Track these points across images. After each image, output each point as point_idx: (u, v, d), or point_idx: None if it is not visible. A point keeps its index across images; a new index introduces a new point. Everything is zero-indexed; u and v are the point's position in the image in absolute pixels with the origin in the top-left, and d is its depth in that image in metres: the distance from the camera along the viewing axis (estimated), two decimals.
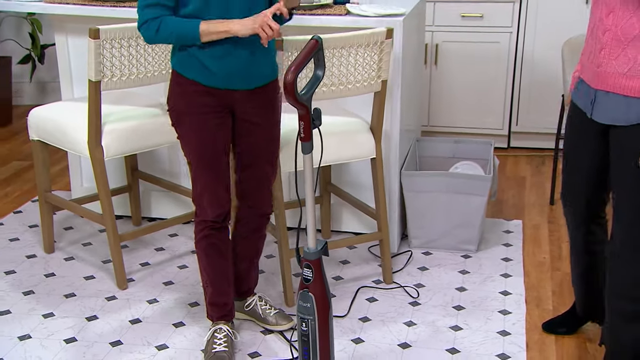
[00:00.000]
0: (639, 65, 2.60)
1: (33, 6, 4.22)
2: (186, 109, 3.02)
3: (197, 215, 3.19)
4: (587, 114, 2.85)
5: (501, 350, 3.41)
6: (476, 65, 5.68)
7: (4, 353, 3.36)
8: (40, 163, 4.10)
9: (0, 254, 4.27)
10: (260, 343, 3.47)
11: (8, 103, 6.41)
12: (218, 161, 3.08)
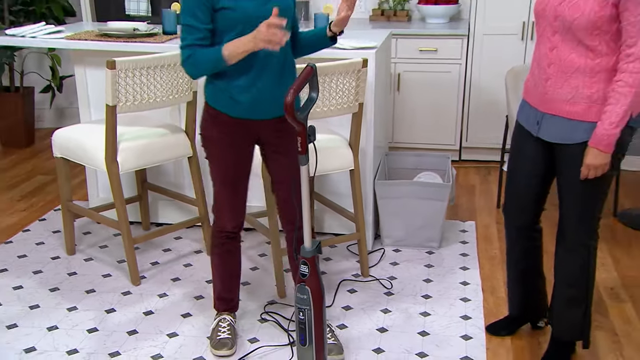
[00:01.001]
0: (580, 93, 2.61)
1: (57, 42, 4.12)
2: (214, 136, 2.91)
3: (215, 225, 3.11)
4: (533, 133, 2.84)
5: (464, 332, 3.39)
6: (432, 91, 5.64)
7: (36, 342, 3.28)
8: (63, 177, 4.02)
9: (28, 256, 4.17)
10: (258, 330, 3.40)
11: (31, 126, 6.30)
12: (238, 182, 3.00)
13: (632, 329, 3.42)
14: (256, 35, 2.53)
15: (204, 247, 4.24)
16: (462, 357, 3.17)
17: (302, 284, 2.51)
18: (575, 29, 2.52)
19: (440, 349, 3.24)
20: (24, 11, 6.04)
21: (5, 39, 4.14)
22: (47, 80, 6.43)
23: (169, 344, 3.26)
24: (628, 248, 4.30)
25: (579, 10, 2.48)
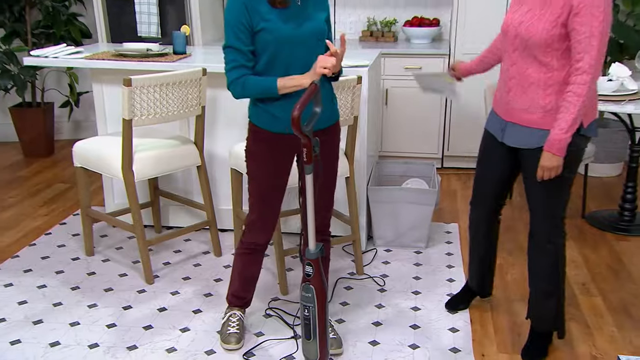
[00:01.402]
0: (536, 103, 2.70)
1: (77, 62, 4.09)
2: (256, 151, 2.86)
3: (245, 236, 3.04)
4: (498, 138, 2.92)
5: (452, 325, 3.37)
6: (416, 105, 5.62)
7: (60, 336, 3.25)
8: (83, 185, 3.98)
9: (51, 257, 4.12)
10: (263, 325, 3.36)
11: (51, 138, 6.25)
12: (274, 197, 2.94)
13: (603, 322, 3.41)
14: (314, 71, 2.56)
15: (211, 248, 4.20)
16: (450, 348, 3.15)
17: (307, 283, 2.49)
18: (531, 47, 2.63)
19: (430, 340, 3.21)
20: (44, 34, 6.01)
21: (31, 59, 4.10)
22: (65, 96, 6.40)
23: (182, 338, 3.23)
24: (595, 247, 4.29)
25: (534, 30, 2.59)
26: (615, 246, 4.29)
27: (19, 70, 5.76)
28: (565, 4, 2.50)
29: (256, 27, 2.61)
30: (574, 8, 2.47)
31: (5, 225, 4.61)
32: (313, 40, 2.69)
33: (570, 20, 2.50)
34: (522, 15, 2.68)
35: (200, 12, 5.69)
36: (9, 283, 3.77)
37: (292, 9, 2.65)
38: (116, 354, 3.10)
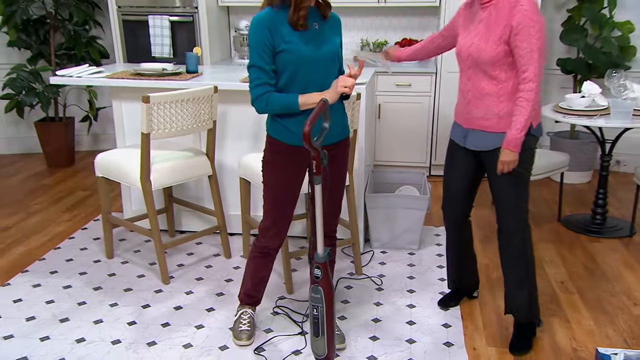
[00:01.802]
0: (491, 111, 2.82)
1: (99, 81, 4.05)
2: (272, 162, 2.81)
3: (259, 240, 2.99)
4: (461, 144, 3.01)
5: (445, 321, 3.33)
6: (407, 118, 5.59)
7: (85, 333, 3.20)
8: (104, 193, 3.93)
9: (74, 260, 4.07)
10: (272, 322, 3.32)
11: (72, 150, 6.19)
12: (287, 205, 2.88)
13: (581, 317, 3.38)
14: (335, 90, 2.56)
15: (221, 251, 4.15)
16: (444, 342, 3.11)
17: (316, 285, 2.44)
18: (481, 64, 2.76)
19: (425, 335, 3.18)
20: (67, 55, 5.96)
21: (57, 79, 4.05)
22: (85, 111, 6.34)
23: (197, 335, 3.18)
24: (571, 248, 4.26)
25: (483, 49, 2.73)
26: (589, 247, 4.27)
27: (44, 88, 5.72)
28: (506, 26, 2.65)
29: (278, 48, 2.58)
30: (513, 29, 2.63)
31: (32, 230, 4.55)
32: (329, 61, 2.66)
33: (512, 39, 2.66)
34: (471, 39, 2.81)
35: (209, 35, 5.66)
36: (37, 284, 3.72)
37: (311, 32, 2.62)
38: (137, 349, 3.05)
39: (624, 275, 3.86)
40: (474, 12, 2.87)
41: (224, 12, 6.10)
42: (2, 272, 3.88)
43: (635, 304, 3.53)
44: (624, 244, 4.33)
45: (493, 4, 2.74)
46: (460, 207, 3.20)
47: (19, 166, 6.12)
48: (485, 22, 2.76)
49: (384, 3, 5.52)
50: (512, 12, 2.65)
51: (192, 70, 4.28)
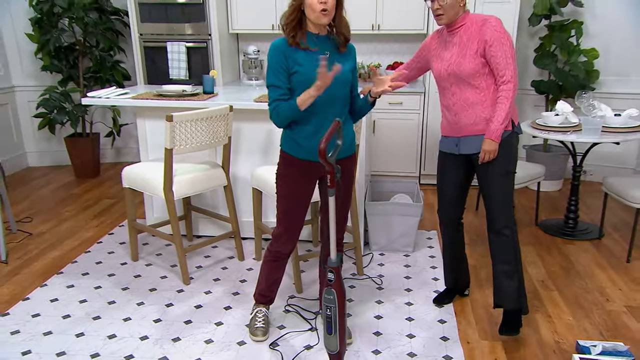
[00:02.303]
0: (479, 117, 2.85)
1: (126, 101, 3.99)
2: (284, 174, 2.76)
3: (272, 246, 2.93)
4: (455, 152, 3.00)
5: (440, 317, 3.28)
6: (399, 133, 5.55)
7: (115, 330, 3.14)
8: (130, 202, 3.87)
9: (103, 263, 4.00)
10: (284, 319, 3.26)
11: (97, 162, 6.12)
12: (298, 213, 2.82)
13: (561, 312, 3.34)
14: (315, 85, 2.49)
15: (235, 254, 4.09)
16: (441, 337, 3.06)
17: (329, 287, 2.39)
18: (464, 77, 2.81)
19: (423, 330, 3.12)
20: (93, 77, 5.90)
21: (88, 100, 4.00)
22: (109, 127, 6.27)
23: (217, 331, 3.12)
24: (549, 249, 4.22)
25: (462, 64, 2.79)
26: (564, 249, 4.23)
27: (73, 108, 5.65)
28: (480, 41, 2.75)
29: (291, 70, 2.56)
30: (487, 42, 2.73)
31: (64, 235, 4.48)
32: (337, 84, 2.61)
33: (487, 51, 2.74)
34: (447, 60, 2.85)
35: (221, 59, 5.61)
36: (71, 284, 3.65)
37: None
38: (163, 345, 2.98)
39: (596, 274, 3.82)
40: (443, 39, 2.93)
41: (234, 39, 6.05)
42: (39, 274, 3.80)
43: (608, 300, 3.49)
44: (594, 245, 4.29)
45: (462, 28, 2.83)
46: (454, 210, 3.19)
47: (50, 177, 6.03)
48: (458, 44, 2.83)
49: (377, 30, 5.49)
50: (482, 29, 2.74)
51: (208, 91, 4.22)
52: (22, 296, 3.50)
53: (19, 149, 6.22)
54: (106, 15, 5.76)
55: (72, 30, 5.61)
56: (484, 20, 2.76)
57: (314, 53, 2.57)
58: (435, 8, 2.79)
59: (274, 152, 4.08)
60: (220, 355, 2.89)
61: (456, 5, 2.77)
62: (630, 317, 3.31)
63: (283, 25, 2.57)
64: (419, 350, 2.94)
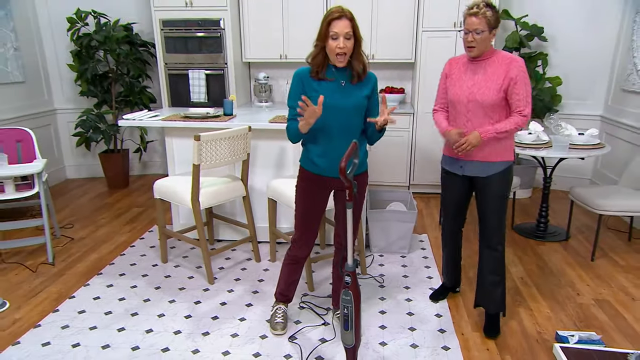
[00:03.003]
0: (487, 144, 2.76)
1: (157, 123, 3.90)
2: (302, 186, 2.71)
3: (291, 250, 2.87)
4: (459, 173, 2.90)
5: (437, 312, 3.22)
6: (392, 148, 5.50)
7: (152, 325, 3.06)
8: (160, 211, 3.79)
9: (137, 264, 3.90)
10: (299, 315, 3.18)
11: (127, 174, 6.01)
12: (313, 221, 2.76)
13: (540, 305, 3.30)
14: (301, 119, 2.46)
15: (252, 256, 4.01)
16: (439, 329, 3.00)
17: (347, 289, 2.33)
18: (483, 107, 2.71)
19: (423, 324, 3.06)
20: (124, 100, 5.81)
21: (125, 122, 3.90)
22: (137, 144, 6.19)
23: (241, 326, 3.04)
24: (525, 250, 4.18)
25: (486, 95, 2.69)
26: (537, 249, 4.19)
27: (106, 127, 5.55)
28: (506, 77, 2.66)
29: (307, 94, 2.51)
30: (512, 80, 2.65)
31: (102, 239, 4.38)
32: (350, 110, 2.55)
33: (510, 88, 2.66)
34: (469, 88, 2.74)
35: (236, 84, 5.55)
36: (110, 284, 3.56)
37: (337, 87, 2.53)
38: (195, 338, 2.90)
39: (567, 271, 3.78)
40: (464, 67, 2.81)
41: (246, 67, 5.99)
42: (81, 274, 3.71)
43: (578, 294, 3.45)
44: (562, 246, 4.25)
45: (487, 61, 2.73)
46: (457, 223, 3.12)
47: (86, 188, 5.93)
48: (482, 75, 2.73)
49: (372, 59, 5.44)
50: (509, 66, 2.66)
51: (228, 113, 4.16)
52: (68, 294, 3.41)
53: (59, 163, 6.12)
54: (136, 47, 5.68)
55: (106, 60, 5.53)
56: (511, 59, 2.68)
57: (330, 82, 2.53)
58: (469, 40, 2.68)
59: (286, 167, 4.02)
60: (246, 348, 2.81)
61: (487, 41, 2.68)
62: (598, 309, 3.27)
63: (309, 62, 2.53)
64: (420, 342, 2.88)
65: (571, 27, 5.33)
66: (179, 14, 5.32)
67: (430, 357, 2.75)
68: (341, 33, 2.39)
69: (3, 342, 2.87)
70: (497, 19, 2.67)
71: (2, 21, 5.06)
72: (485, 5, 2.65)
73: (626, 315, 3.21)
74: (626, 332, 3.02)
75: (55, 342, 2.86)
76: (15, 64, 5.25)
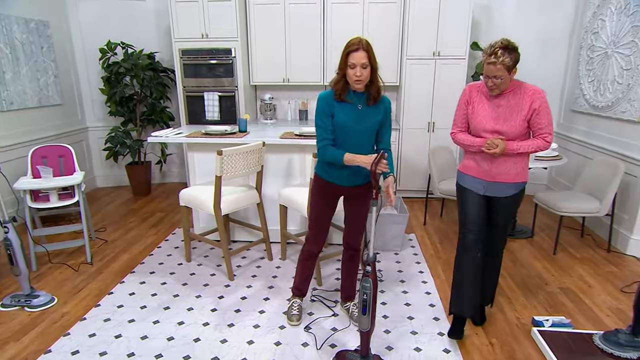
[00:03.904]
0: (512, 168, 2.58)
1: (182, 139, 3.83)
2: (315, 191, 2.70)
3: (305, 246, 2.84)
4: (480, 193, 2.65)
5: (430, 302, 3.19)
6: None
7: (182, 318, 2.99)
8: (185, 216, 3.73)
9: (164, 263, 3.82)
10: (311, 307, 3.14)
11: (149, 183, 5.90)
12: (324, 221, 2.75)
13: (517, 295, 3.30)
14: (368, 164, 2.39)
15: (265, 255, 3.95)
16: (433, 317, 2.98)
17: (367, 277, 2.31)
18: (509, 136, 2.52)
19: (420, 313, 3.04)
20: (147, 119, 5.72)
21: (153, 138, 3.83)
22: (158, 157, 6.10)
23: (261, 317, 2.99)
24: None
25: (512, 127, 2.51)
26: (508, 246, 4.19)
27: (132, 143, 5.46)
28: (530, 109, 2.49)
29: (331, 113, 2.50)
30: (535, 111, 2.49)
31: (131, 241, 4.29)
32: (365, 131, 2.53)
33: (533, 117, 2.50)
34: (493, 119, 2.53)
35: (245, 104, 5.50)
36: (142, 281, 3.48)
37: (354, 110, 2.51)
38: (222, 329, 2.85)
39: (534, 264, 3.79)
40: (485, 95, 2.57)
41: (253, 89, 5.94)
42: (117, 273, 3.63)
43: (546, 284, 3.46)
44: (529, 242, 4.26)
45: (510, 93, 2.52)
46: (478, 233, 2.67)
47: (113, 195, 5.82)
48: (505, 107, 2.52)
49: None
50: (532, 98, 2.48)
51: (243, 130, 4.11)
52: (107, 291, 3.33)
53: (90, 174, 6.00)
54: (157, 73, 5.60)
55: (132, 84, 5.45)
56: (533, 91, 2.49)
57: (350, 104, 2.51)
58: (489, 85, 2.48)
59: (294, 176, 3.98)
60: (267, 337, 2.77)
61: (507, 80, 2.47)
62: (564, 296, 3.28)
63: (332, 86, 2.51)
64: (418, 329, 2.86)
65: (528, 57, 5.38)
66: (196, 44, 5.26)
67: (428, 342, 2.73)
68: (358, 63, 2.38)
69: (55, 333, 2.80)
70: (516, 60, 2.41)
71: (45, 53, 5.00)
72: (503, 51, 2.37)
73: (586, 300, 3.22)
74: (588, 315, 3.04)
75: (100, 333, 2.79)
76: (55, 89, 5.17)
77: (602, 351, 2.62)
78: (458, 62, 5.08)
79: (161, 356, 2.60)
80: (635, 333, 2.60)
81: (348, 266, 2.94)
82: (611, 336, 2.66)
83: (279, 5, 5.31)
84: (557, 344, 2.69)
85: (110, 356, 2.59)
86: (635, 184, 3.92)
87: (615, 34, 4.27)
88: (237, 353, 2.64)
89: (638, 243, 3.92)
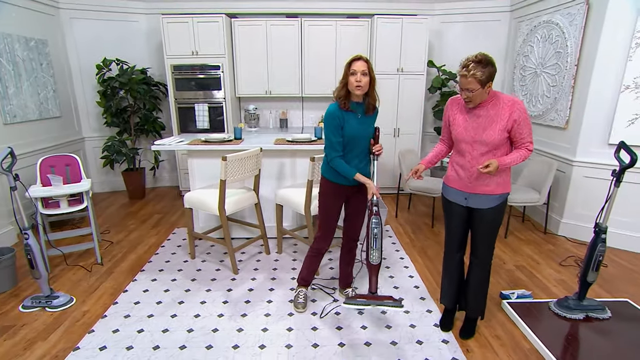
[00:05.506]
0: (491, 180, 2.39)
1: (183, 147, 3.68)
2: (324, 192, 2.66)
3: (314, 244, 2.79)
4: (462, 204, 2.46)
5: (415, 284, 3.23)
6: None
7: (198, 311, 2.88)
8: (189, 217, 3.58)
9: (171, 261, 3.65)
10: (314, 294, 3.10)
11: (144, 188, 5.64)
12: (332, 220, 2.71)
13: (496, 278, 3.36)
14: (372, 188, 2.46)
15: (263, 250, 3.86)
16: (420, 297, 3.02)
17: (376, 215, 2.39)
18: (487, 146, 2.34)
19: (407, 295, 3.05)
20: (140, 129, 5.47)
21: (156, 146, 3.66)
22: (152, 163, 5.83)
23: (270, 307, 2.93)
24: None
25: (491, 136, 2.31)
26: None
27: (127, 151, 5.20)
28: (509, 119, 2.29)
29: (341, 125, 2.47)
30: (516, 121, 2.30)
31: (136, 242, 4.08)
32: (366, 138, 2.57)
33: (514, 128, 2.31)
34: (473, 129, 2.35)
35: (232, 114, 5.36)
36: (153, 278, 3.33)
37: (358, 120, 2.50)
38: (236, 319, 2.77)
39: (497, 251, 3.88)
40: (465, 107, 2.39)
41: (238, 100, 5.80)
42: (128, 271, 3.45)
43: (504, 263, 3.58)
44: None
45: (489, 104, 2.33)
46: (459, 247, 2.61)
47: (111, 200, 5.52)
48: (485, 117, 2.33)
49: None
50: (512, 109, 2.29)
51: (238, 138, 4.00)
52: (121, 288, 3.16)
53: None
54: (150, 86, 5.37)
55: (126, 97, 5.19)
56: (512, 102, 2.29)
57: (354, 114, 2.51)
58: (463, 97, 2.31)
59: (286, 178, 3.92)
60: (279, 323, 2.71)
61: (483, 94, 2.27)
62: (520, 273, 3.40)
63: (336, 96, 2.47)
64: (409, 307, 2.89)
65: None
66: (187, 61, 5.08)
67: (419, 319, 2.76)
68: (358, 70, 2.40)
69: (80, 331, 2.63)
70: (490, 75, 2.21)
71: (44, 69, 4.69)
72: (475, 65, 2.20)
73: (537, 275, 3.35)
74: (542, 287, 3.16)
75: (123, 329, 2.64)
76: (54, 103, 4.84)
77: (557, 315, 2.81)
78: (418, 77, 5.16)
79: (185, 347, 2.49)
80: (580, 298, 2.84)
81: (347, 257, 2.92)
82: (563, 302, 2.87)
83: (261, 26, 5.22)
84: (523, 312, 2.82)
85: (137, 349, 2.45)
86: (564, 178, 4.14)
87: (542, 57, 4.49)
88: (255, 340, 2.56)
89: (567, 225, 4.14)
